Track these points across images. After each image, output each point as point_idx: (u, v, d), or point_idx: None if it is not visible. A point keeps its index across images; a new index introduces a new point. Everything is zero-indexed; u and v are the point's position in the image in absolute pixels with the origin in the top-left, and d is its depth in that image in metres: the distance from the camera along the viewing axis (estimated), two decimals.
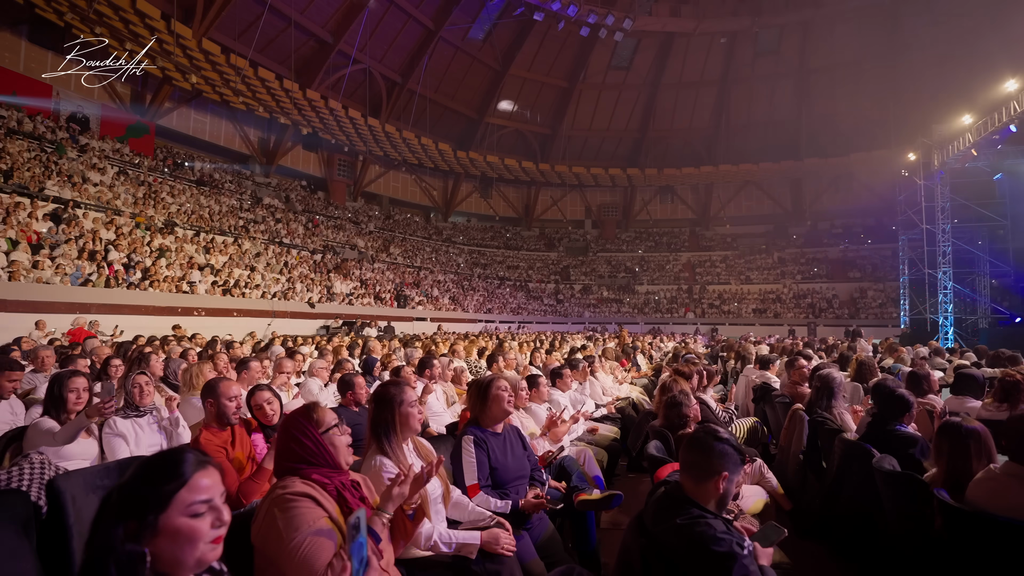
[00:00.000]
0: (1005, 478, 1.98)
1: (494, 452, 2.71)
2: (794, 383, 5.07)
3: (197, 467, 1.18)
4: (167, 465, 1.17)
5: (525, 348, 10.75)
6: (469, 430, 2.74)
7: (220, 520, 1.18)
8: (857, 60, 28.24)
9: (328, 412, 1.81)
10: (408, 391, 2.27)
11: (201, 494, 1.16)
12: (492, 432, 2.79)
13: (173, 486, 1.14)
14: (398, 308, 22.62)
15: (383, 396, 2.23)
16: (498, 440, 2.79)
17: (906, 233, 18.76)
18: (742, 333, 24.02)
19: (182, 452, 1.21)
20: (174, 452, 1.21)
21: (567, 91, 32.30)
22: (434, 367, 4.95)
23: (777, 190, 35.67)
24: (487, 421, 2.80)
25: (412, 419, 2.25)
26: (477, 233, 37.34)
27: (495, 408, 2.81)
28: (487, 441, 2.71)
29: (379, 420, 2.20)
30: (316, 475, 1.66)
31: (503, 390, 2.83)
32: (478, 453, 2.65)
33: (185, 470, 1.16)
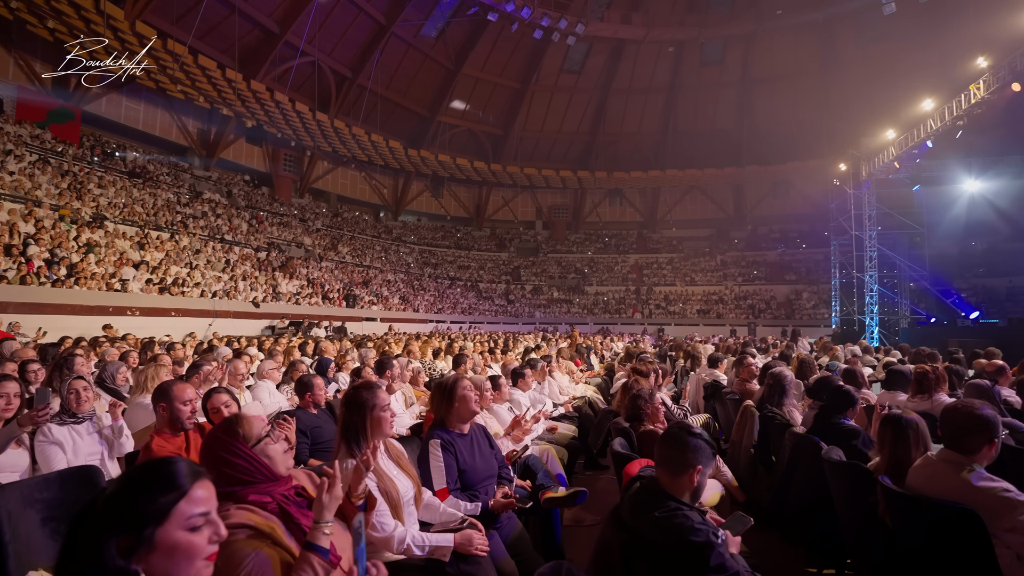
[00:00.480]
0: (940, 464, 2.15)
1: (462, 454, 2.68)
2: (743, 381, 5.30)
3: (194, 477, 1.11)
4: (162, 475, 1.09)
5: (479, 348, 10.74)
6: (436, 433, 2.69)
7: (217, 534, 1.11)
8: (794, 74, 29.85)
9: (255, 421, 1.65)
10: (381, 394, 2.23)
11: (200, 506, 1.09)
12: (459, 433, 2.75)
13: (172, 497, 1.06)
14: (347, 308, 22.10)
15: (355, 400, 2.18)
16: (465, 441, 2.75)
17: (837, 239, 19.99)
18: (687, 333, 24.92)
19: (174, 461, 1.13)
20: (165, 462, 1.13)
21: (520, 92, 32.48)
22: (393, 368, 4.88)
23: (720, 195, 37.14)
24: (453, 422, 2.76)
25: (384, 423, 2.21)
26: (428, 232, 36.99)
27: (462, 409, 2.77)
28: (454, 443, 2.68)
29: (350, 424, 2.14)
30: (254, 495, 1.53)
31: (469, 390, 2.81)
32: (446, 457, 2.61)
33: (183, 480, 1.09)
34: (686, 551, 1.55)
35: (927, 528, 2.08)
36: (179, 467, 1.11)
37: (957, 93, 13.10)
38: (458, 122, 33.02)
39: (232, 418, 1.64)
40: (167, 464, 1.12)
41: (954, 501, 1.99)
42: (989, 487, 1.98)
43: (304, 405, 3.85)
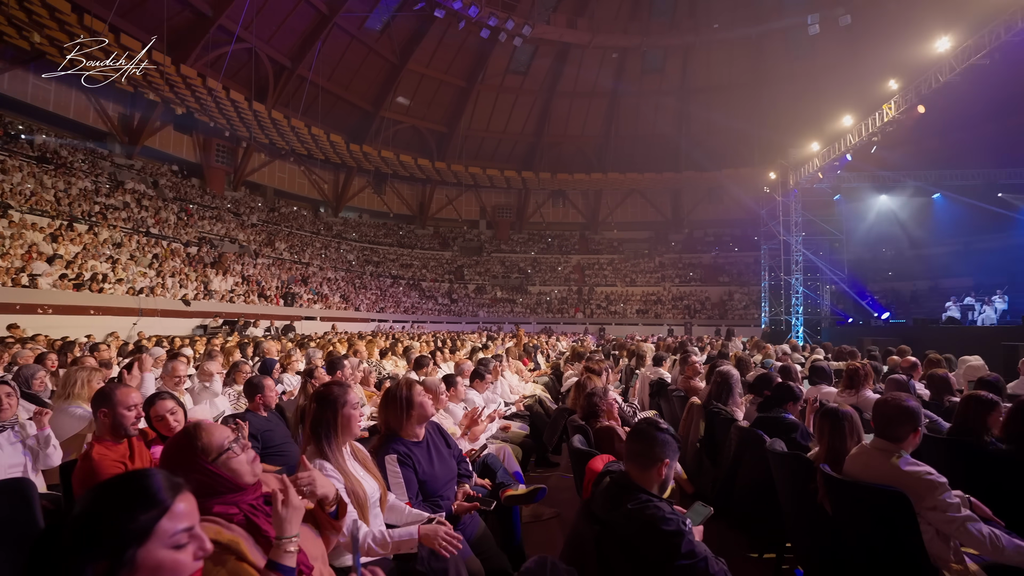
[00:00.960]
0: (874, 451, 2.35)
1: (420, 464, 2.59)
2: (687, 378, 5.54)
3: (175, 490, 1.03)
4: (140, 489, 1.01)
5: (425, 348, 10.64)
6: (391, 448, 2.55)
7: (203, 549, 1.05)
8: (729, 85, 31.37)
9: (216, 432, 1.54)
10: (351, 392, 2.20)
11: (183, 521, 1.02)
12: (414, 442, 2.65)
13: (154, 514, 0.98)
14: (285, 306, 21.30)
15: (326, 396, 2.14)
16: (422, 449, 2.66)
17: (767, 243, 21.20)
18: (627, 332, 25.67)
19: (150, 474, 1.04)
20: (140, 475, 1.04)
21: (465, 91, 32.36)
22: (344, 368, 4.77)
23: (659, 199, 38.46)
24: (408, 432, 2.64)
25: (354, 421, 2.18)
26: (370, 230, 36.19)
27: (419, 416, 2.67)
28: (411, 455, 2.58)
29: (320, 421, 2.10)
30: (219, 507, 1.46)
31: (424, 395, 2.70)
32: (405, 472, 2.51)
33: (163, 495, 1.01)
34: (658, 540, 1.63)
35: (862, 510, 2.27)
36: (157, 480, 1.04)
37: (872, 111, 14.22)
38: (402, 118, 32.51)
39: (191, 429, 1.53)
40: (143, 477, 1.04)
41: (886, 485, 2.18)
42: (915, 471, 2.19)
43: (254, 408, 3.70)
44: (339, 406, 2.12)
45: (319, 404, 2.13)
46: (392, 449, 2.54)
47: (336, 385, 2.20)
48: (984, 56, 10.92)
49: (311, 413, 2.14)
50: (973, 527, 2.10)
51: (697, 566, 1.60)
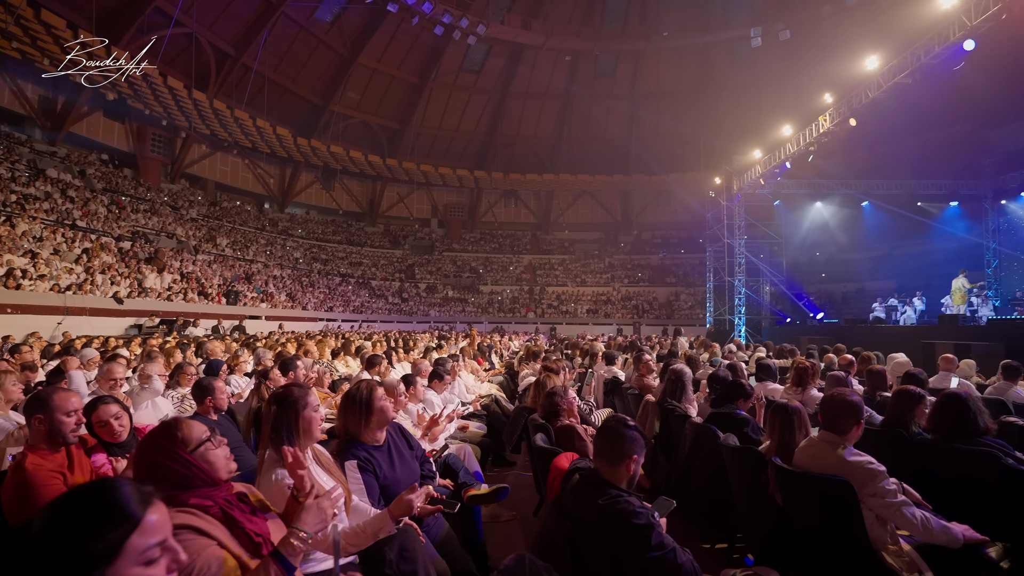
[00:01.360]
0: (822, 444, 2.50)
1: (381, 469, 2.53)
2: (641, 376, 5.70)
3: (145, 502, 0.95)
4: (106, 505, 0.91)
5: (379, 347, 10.47)
6: (352, 453, 2.48)
7: (177, 561, 0.98)
8: (677, 92, 32.38)
9: (195, 426, 1.59)
10: (312, 395, 2.14)
11: (155, 535, 0.94)
12: (375, 446, 2.58)
13: (123, 531, 0.90)
14: (228, 305, 20.40)
15: (286, 398, 2.08)
16: (383, 453, 2.59)
17: (711, 246, 22.03)
18: (578, 332, 26.07)
19: (117, 485, 0.95)
20: (104, 486, 0.95)
21: (418, 87, 31.97)
22: (298, 369, 4.63)
23: (609, 201, 39.24)
24: (368, 436, 2.57)
25: (315, 424, 2.13)
26: (317, 226, 35.17)
27: (379, 420, 2.60)
28: (372, 459, 2.51)
29: (281, 423, 2.04)
30: (195, 499, 1.45)
31: (385, 399, 2.63)
32: (366, 478, 2.44)
33: (133, 508, 0.92)
34: (630, 533, 1.67)
35: (811, 499, 2.41)
36: (125, 492, 0.94)
37: (809, 122, 15.03)
38: (353, 113, 31.77)
39: (172, 421, 1.57)
40: (110, 489, 0.94)
41: (832, 474, 2.33)
42: (859, 461, 2.35)
43: (203, 411, 3.54)
44: (300, 408, 2.06)
45: (279, 406, 2.06)
46: (352, 455, 2.47)
47: (296, 387, 2.15)
48: (907, 76, 11.74)
49: (270, 416, 2.07)
50: (908, 511, 2.26)
51: (666, 557, 1.66)
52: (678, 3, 28.41)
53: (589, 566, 1.72)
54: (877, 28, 17.96)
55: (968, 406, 3.01)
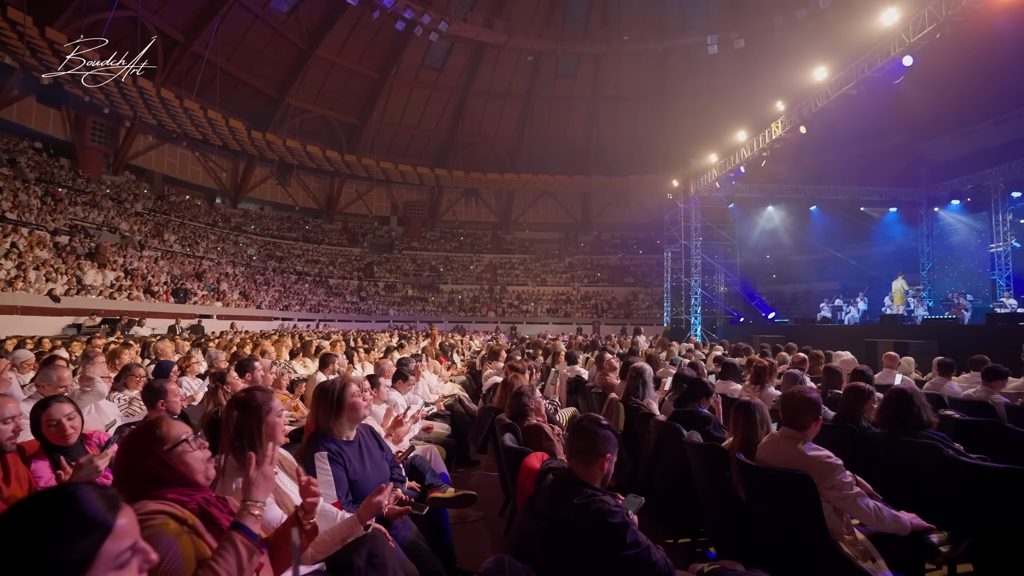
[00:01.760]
0: (783, 439, 2.59)
1: (352, 464, 2.51)
2: (604, 375, 5.77)
3: (113, 507, 0.92)
4: (75, 513, 0.87)
5: (338, 348, 10.23)
6: (322, 445, 2.47)
7: (148, 560, 0.95)
8: (636, 95, 33.00)
9: (176, 426, 1.59)
10: (276, 399, 2.07)
11: (127, 539, 0.91)
12: (345, 441, 2.57)
13: (95, 539, 0.87)
14: (176, 303, 19.54)
15: (248, 403, 1.99)
16: (353, 449, 2.58)
17: (669, 247, 22.56)
18: (538, 331, 26.23)
19: (80, 492, 0.91)
20: (67, 494, 0.90)
21: (378, 83, 31.43)
22: (255, 370, 4.47)
23: (569, 201, 39.61)
24: (339, 430, 2.57)
25: (279, 429, 2.05)
26: (272, 223, 34.12)
27: (351, 416, 2.60)
28: (343, 453, 2.50)
29: (243, 429, 1.96)
30: (172, 494, 1.46)
31: (358, 396, 2.64)
32: (335, 470, 2.42)
33: (103, 516, 0.89)
34: (605, 532, 1.69)
35: (774, 492, 2.49)
36: (90, 500, 0.90)
37: (763, 129, 15.58)
38: (310, 107, 30.96)
39: (154, 420, 1.58)
40: (74, 500, 0.90)
41: (794, 469, 2.41)
42: (818, 455, 2.44)
43: (155, 415, 3.36)
44: (263, 413, 1.99)
45: (241, 411, 1.98)
46: (323, 447, 2.46)
47: (259, 391, 2.07)
48: (852, 87, 12.32)
49: (232, 421, 1.99)
50: (863, 502, 2.37)
51: (641, 555, 1.68)
52: (638, 8, 28.97)
53: (564, 566, 1.72)
54: (825, 40, 18.78)
55: (913, 401, 3.18)
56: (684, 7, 28.53)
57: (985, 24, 10.69)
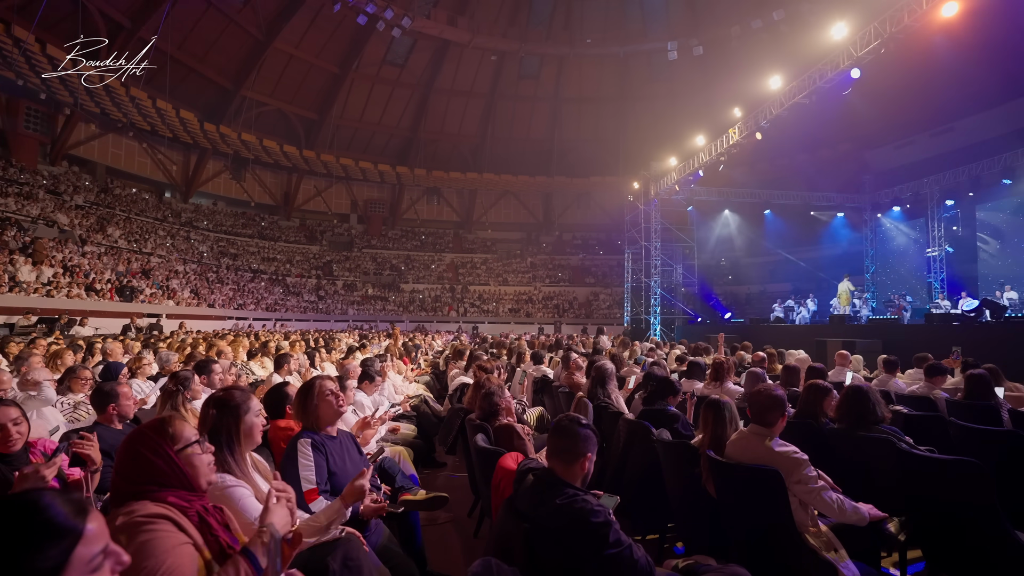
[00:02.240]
0: (751, 436, 2.66)
1: (332, 457, 2.54)
2: (571, 374, 5.82)
3: (81, 512, 0.89)
4: (42, 520, 0.84)
5: (297, 348, 9.96)
6: (304, 434, 2.53)
7: (120, 563, 0.93)
8: (598, 97, 33.43)
9: (187, 426, 1.55)
10: (254, 399, 2.00)
11: (98, 543, 0.89)
12: (328, 435, 2.62)
13: (66, 544, 0.84)
14: (122, 302, 18.59)
15: (226, 402, 1.94)
16: (335, 444, 2.63)
17: (629, 248, 22.97)
18: (500, 331, 26.27)
19: (43, 499, 0.87)
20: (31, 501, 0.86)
21: (338, 77, 30.77)
22: (214, 372, 4.29)
23: (531, 201, 39.77)
24: (320, 424, 2.62)
25: (256, 429, 2.00)
26: (227, 219, 32.89)
27: (325, 410, 2.63)
28: (325, 444, 2.54)
29: (221, 428, 1.90)
30: (172, 497, 1.42)
31: (330, 392, 2.67)
32: (316, 456, 2.46)
33: (72, 521, 0.86)
34: (589, 532, 1.69)
35: (743, 488, 2.55)
36: (56, 507, 0.87)
37: (721, 134, 16.06)
38: (267, 100, 30.03)
39: (165, 418, 1.54)
40: (38, 506, 0.86)
41: (762, 464, 2.49)
42: (785, 451, 2.52)
43: (105, 419, 3.19)
44: (241, 412, 1.94)
45: (219, 411, 1.92)
46: (307, 435, 2.53)
47: (237, 390, 2.00)
48: (805, 96, 12.86)
49: (209, 421, 1.92)
50: (826, 495, 2.46)
51: (623, 553, 1.69)
52: (600, 12, 29.37)
53: (547, 566, 1.72)
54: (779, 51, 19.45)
55: (868, 398, 3.33)
56: (645, 13, 29.11)
57: (924, 42, 11.34)
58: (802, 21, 20.16)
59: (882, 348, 9.97)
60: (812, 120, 14.91)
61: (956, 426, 3.85)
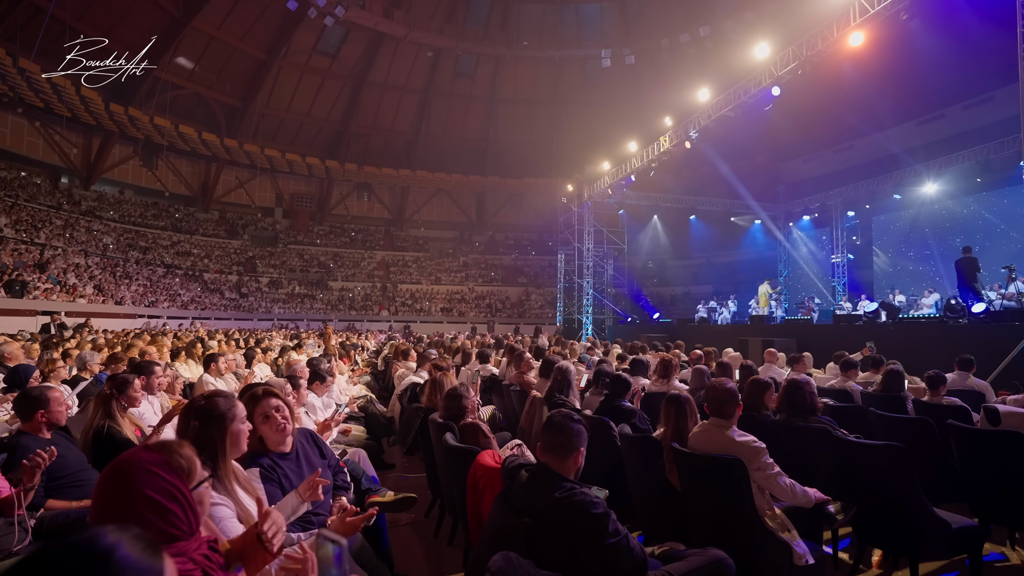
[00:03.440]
0: (713, 428, 2.83)
1: (287, 478, 2.30)
2: (521, 374, 5.90)
3: (151, 549, 0.78)
4: (116, 562, 0.72)
5: (230, 347, 9.43)
6: (254, 461, 2.23)
7: None
8: (533, 100, 33.86)
9: (192, 453, 1.28)
10: (240, 406, 1.88)
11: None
12: (279, 454, 2.33)
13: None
14: (11, 298, 16.73)
15: (210, 412, 1.80)
16: (290, 462, 2.36)
17: (562, 249, 23.47)
18: (433, 330, 26.03)
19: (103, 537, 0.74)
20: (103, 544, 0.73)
21: (264, 64, 29.26)
22: (154, 375, 3.99)
23: (465, 200, 39.65)
24: (272, 444, 2.32)
25: (243, 437, 1.88)
26: (135, 209, 30.38)
27: (267, 433, 2.30)
28: (277, 468, 2.28)
29: (205, 440, 1.76)
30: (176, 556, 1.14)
31: (269, 413, 2.30)
32: (268, 488, 2.19)
33: (148, 560, 0.76)
34: (589, 523, 1.75)
35: (708, 476, 2.72)
36: (124, 546, 0.74)
37: (652, 141, 16.78)
38: (184, 83, 28.04)
39: (168, 444, 1.22)
40: (114, 549, 0.73)
41: (726, 454, 2.65)
42: (745, 440, 2.71)
43: (32, 428, 2.90)
44: (227, 422, 1.80)
45: (201, 421, 1.78)
46: (256, 463, 2.23)
47: (221, 396, 1.87)
48: (731, 110, 13.71)
49: (191, 433, 1.78)
50: (781, 480, 2.67)
51: (621, 542, 1.77)
52: (537, 16, 29.80)
53: (548, 558, 1.76)
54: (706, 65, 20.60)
55: (805, 391, 3.63)
56: (581, 20, 29.85)
57: (833, 67, 12.37)
58: (726, 39, 21.45)
59: (796, 346, 10.82)
60: (735, 131, 15.90)
61: (875, 415, 4.27)
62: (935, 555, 3.06)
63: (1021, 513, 3.35)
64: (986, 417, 3.94)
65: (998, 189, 15.92)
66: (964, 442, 3.63)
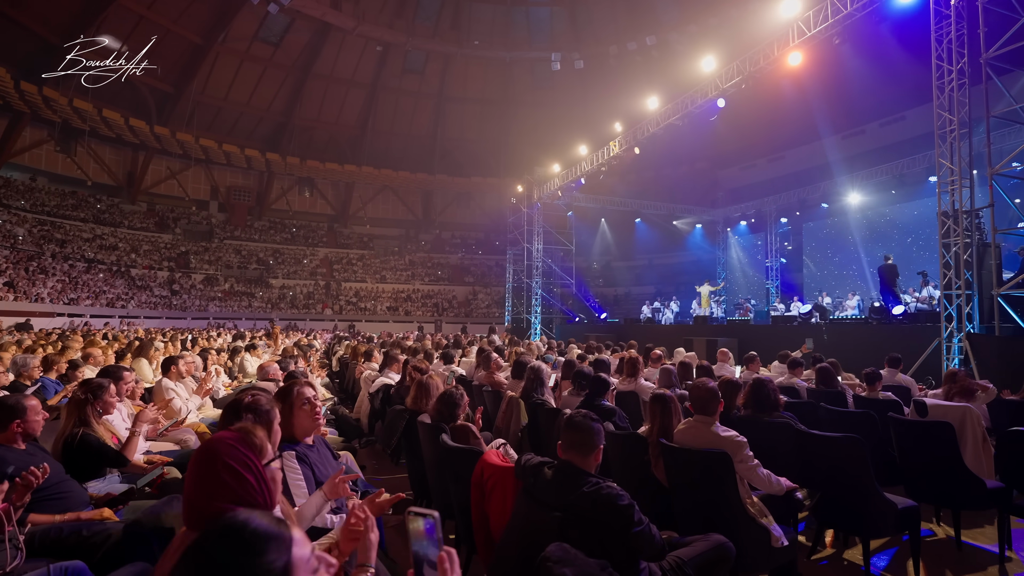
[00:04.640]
0: (698, 424, 3.06)
1: (316, 466, 2.47)
2: (491, 374, 6.00)
3: (278, 521, 0.93)
4: (251, 531, 0.89)
5: (172, 348, 8.97)
6: (287, 447, 2.42)
7: (329, 564, 1.04)
8: (482, 99, 33.88)
9: (266, 438, 1.46)
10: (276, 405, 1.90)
11: (306, 545, 0.94)
12: (306, 444, 2.55)
13: (284, 546, 0.90)
14: None
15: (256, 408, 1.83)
16: (314, 452, 2.56)
17: (511, 249, 23.70)
18: (379, 330, 25.61)
19: (238, 515, 0.91)
20: (231, 519, 0.90)
21: (201, 49, 27.74)
22: (123, 380, 3.81)
23: (411, 198, 39.15)
24: (298, 435, 2.52)
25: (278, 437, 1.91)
26: (51, 198, 28.06)
27: (302, 420, 2.54)
28: (307, 455, 2.47)
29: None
30: None
31: (307, 401, 2.57)
32: (304, 469, 2.37)
33: (276, 528, 0.91)
34: (618, 513, 1.90)
35: (696, 471, 2.93)
36: (255, 519, 0.91)
37: (602, 145, 17.26)
38: (111, 64, 26.07)
39: (247, 427, 1.44)
40: (239, 521, 0.90)
41: (712, 448, 2.88)
42: (729, 435, 2.94)
43: (7, 440, 2.73)
44: (272, 419, 1.86)
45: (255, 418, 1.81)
46: (289, 447, 2.43)
47: (262, 394, 1.90)
48: (679, 118, 14.34)
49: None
50: (760, 471, 2.93)
51: (646, 530, 1.92)
52: (488, 16, 29.86)
53: (580, 548, 1.89)
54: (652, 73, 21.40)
55: (769, 388, 3.95)
56: (531, 22, 30.17)
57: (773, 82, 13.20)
58: (671, 49, 22.34)
59: (738, 345, 11.50)
60: (679, 139, 16.61)
61: (824, 409, 4.69)
62: (884, 532, 3.43)
63: (948, 493, 3.79)
64: (915, 410, 4.43)
65: (910, 201, 17.49)
66: (902, 432, 4.06)
